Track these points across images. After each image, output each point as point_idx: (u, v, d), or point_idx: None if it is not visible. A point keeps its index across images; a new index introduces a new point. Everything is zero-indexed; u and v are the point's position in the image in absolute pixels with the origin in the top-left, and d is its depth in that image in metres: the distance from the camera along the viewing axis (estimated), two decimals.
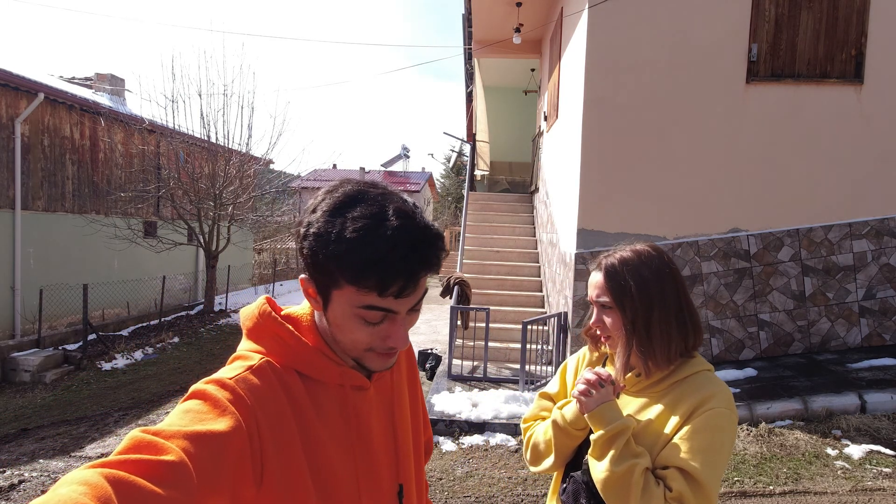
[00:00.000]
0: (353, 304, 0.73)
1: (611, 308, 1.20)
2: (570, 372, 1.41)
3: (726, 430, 1.10)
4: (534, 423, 1.37)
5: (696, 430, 1.09)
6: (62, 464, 4.76)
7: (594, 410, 1.12)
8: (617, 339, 1.21)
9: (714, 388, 1.15)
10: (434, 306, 11.84)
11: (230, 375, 0.74)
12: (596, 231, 5.60)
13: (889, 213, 5.54)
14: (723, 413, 1.11)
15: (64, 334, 9.68)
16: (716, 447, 1.08)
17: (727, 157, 5.51)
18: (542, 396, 1.41)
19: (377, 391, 0.90)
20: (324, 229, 0.72)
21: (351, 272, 0.70)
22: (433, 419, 4.78)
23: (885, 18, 5.36)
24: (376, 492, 0.86)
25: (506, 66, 11.57)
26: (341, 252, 0.70)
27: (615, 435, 1.09)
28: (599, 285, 1.22)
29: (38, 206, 9.58)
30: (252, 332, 0.82)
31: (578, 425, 1.18)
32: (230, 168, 11.29)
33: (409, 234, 0.71)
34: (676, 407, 1.13)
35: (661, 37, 5.45)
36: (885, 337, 5.59)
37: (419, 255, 0.71)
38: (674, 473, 1.06)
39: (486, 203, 10.35)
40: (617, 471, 1.06)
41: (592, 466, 1.11)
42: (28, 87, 9.08)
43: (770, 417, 4.45)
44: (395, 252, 0.69)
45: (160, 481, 0.58)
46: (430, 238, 0.73)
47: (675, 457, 1.07)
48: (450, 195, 31.95)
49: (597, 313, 1.23)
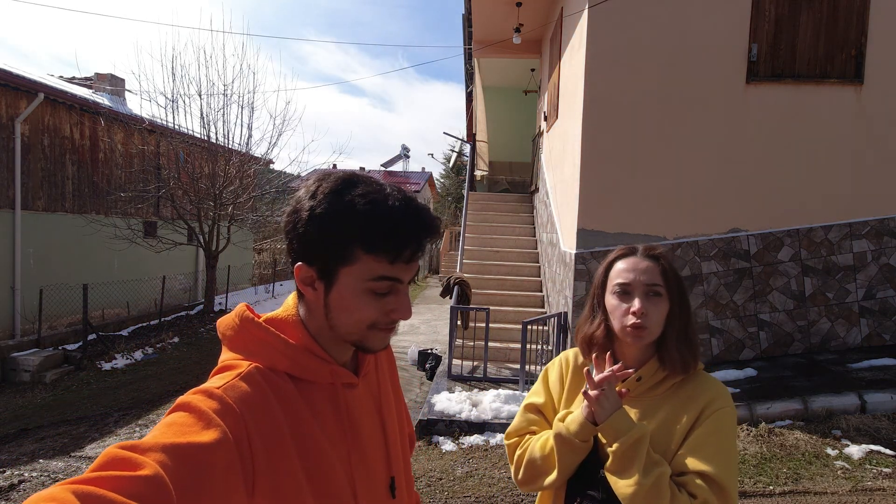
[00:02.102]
0: (363, 278, 0.77)
1: (661, 296, 1.13)
2: (553, 380, 1.30)
3: (734, 429, 1.10)
4: (520, 438, 1.26)
5: (709, 432, 1.06)
6: (62, 464, 4.76)
7: (606, 421, 1.05)
8: (656, 330, 1.14)
9: (715, 387, 1.14)
10: (434, 306, 11.84)
11: (218, 385, 0.73)
12: (596, 231, 5.60)
13: (889, 213, 5.54)
14: (729, 413, 1.10)
15: (64, 334, 9.68)
16: (729, 448, 1.06)
17: (727, 157, 5.51)
18: (528, 409, 1.30)
19: (365, 388, 0.92)
20: (333, 208, 0.76)
21: (369, 241, 0.75)
22: (433, 419, 4.78)
23: (885, 18, 5.36)
24: (371, 486, 0.87)
25: (506, 66, 11.56)
26: (358, 224, 0.75)
27: (635, 443, 1.02)
28: (652, 270, 1.14)
29: (38, 206, 9.57)
30: (234, 341, 0.82)
31: (584, 437, 1.09)
32: (230, 168, 11.29)
33: (411, 205, 0.79)
34: (682, 411, 1.10)
35: (661, 37, 5.45)
36: (885, 337, 5.59)
37: (424, 221, 0.79)
38: (694, 479, 1.02)
39: (486, 203, 10.35)
40: (646, 483, 1.00)
41: (614, 481, 1.04)
42: (28, 87, 9.08)
43: (770, 417, 4.45)
44: (406, 219, 0.77)
45: (134, 496, 0.57)
46: (425, 209, 0.81)
47: (692, 462, 1.04)
48: (450, 195, 31.94)
49: (641, 301, 1.12)
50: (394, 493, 0.92)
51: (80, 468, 4.61)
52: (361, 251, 0.76)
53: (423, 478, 3.93)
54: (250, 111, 13.43)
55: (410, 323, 10.03)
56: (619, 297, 1.16)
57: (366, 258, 0.76)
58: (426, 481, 3.88)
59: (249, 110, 12.86)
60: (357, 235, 0.75)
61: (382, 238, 0.75)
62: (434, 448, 4.47)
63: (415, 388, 6.57)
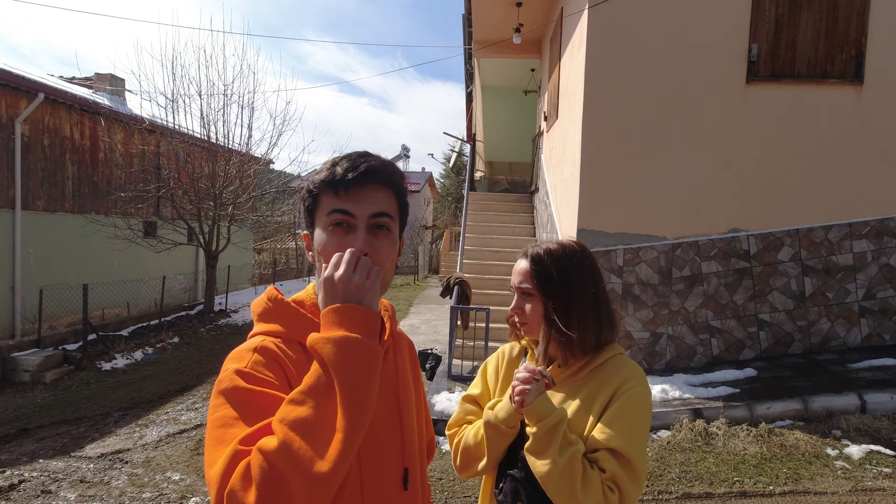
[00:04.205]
0: (323, 216, 0.90)
1: (532, 295, 1.24)
2: (490, 372, 1.41)
3: (645, 407, 1.17)
4: (459, 428, 1.35)
5: (619, 411, 1.14)
6: (62, 464, 4.76)
7: (530, 405, 1.12)
8: (534, 326, 1.24)
9: (629, 369, 1.21)
10: (434, 306, 11.83)
11: (243, 366, 0.82)
12: (596, 231, 5.60)
13: (889, 213, 5.54)
14: (640, 392, 1.17)
15: (64, 334, 9.68)
16: (638, 425, 1.14)
17: (727, 157, 5.51)
18: (466, 400, 1.39)
19: (382, 376, 0.93)
20: (317, 172, 0.93)
21: (320, 178, 0.90)
22: (433, 419, 4.78)
23: (885, 18, 5.36)
24: (380, 473, 0.88)
25: (506, 66, 11.56)
26: (318, 174, 0.91)
27: (554, 426, 1.09)
28: (523, 272, 1.26)
29: (39, 206, 9.58)
30: (263, 315, 0.93)
31: (511, 423, 1.17)
32: (230, 168, 11.29)
33: (358, 151, 0.93)
34: (598, 392, 1.18)
35: (661, 37, 5.45)
36: (884, 337, 5.59)
37: (364, 155, 0.92)
38: (604, 455, 1.10)
39: (486, 203, 10.34)
40: (561, 461, 1.07)
41: (532, 461, 1.11)
42: (28, 87, 9.08)
43: (770, 417, 4.45)
44: (347, 155, 0.92)
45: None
46: (374, 155, 0.93)
47: (603, 439, 1.11)
48: (450, 195, 31.95)
49: (517, 300, 1.26)
50: (406, 486, 0.92)
51: (80, 468, 4.61)
52: (320, 192, 0.90)
53: None
54: (250, 111, 13.46)
55: (410, 323, 10.04)
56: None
57: (323, 198, 0.90)
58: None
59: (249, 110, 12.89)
60: (317, 179, 0.90)
61: (328, 168, 0.90)
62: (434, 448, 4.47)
63: None
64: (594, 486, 1.07)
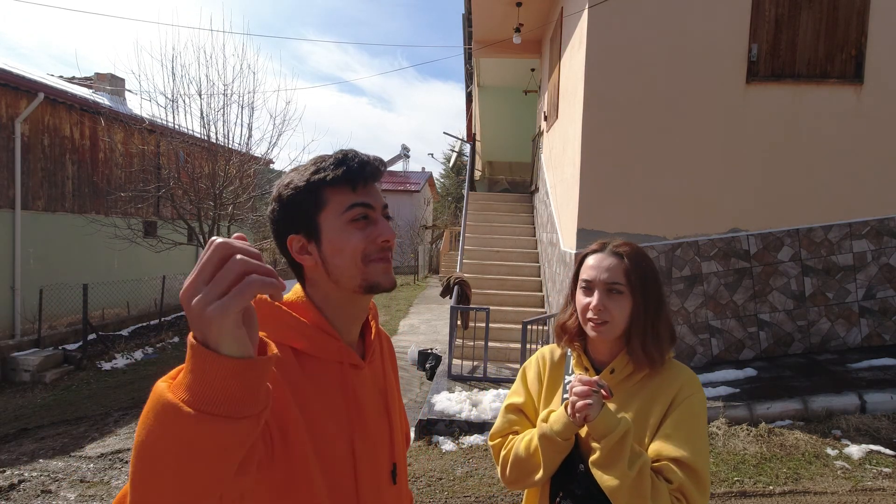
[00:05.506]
0: (339, 213, 0.87)
1: (622, 294, 1.18)
2: (532, 378, 1.34)
3: (704, 415, 1.15)
4: (503, 439, 1.29)
5: (680, 420, 1.11)
6: (62, 464, 4.76)
7: (596, 418, 1.07)
8: (617, 327, 1.18)
9: (684, 375, 1.19)
10: (434, 306, 11.83)
11: None
12: (596, 231, 5.60)
13: (889, 213, 5.54)
14: (699, 398, 1.15)
15: (64, 334, 9.67)
16: (701, 434, 1.11)
17: (727, 157, 5.51)
18: (509, 409, 1.33)
19: (371, 374, 0.95)
20: (298, 175, 0.90)
21: (331, 175, 0.87)
22: (433, 419, 4.79)
23: (885, 18, 5.36)
24: (373, 470, 0.90)
25: (506, 66, 11.56)
26: (318, 169, 0.88)
27: (622, 438, 1.05)
28: (614, 268, 1.19)
29: (38, 206, 9.58)
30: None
31: (566, 435, 1.12)
32: (230, 168, 11.27)
33: (353, 150, 0.92)
34: (654, 400, 1.15)
35: (661, 37, 5.45)
36: (884, 337, 5.59)
37: (364, 156, 0.90)
38: (669, 466, 1.07)
39: (486, 203, 10.35)
40: (631, 473, 1.03)
41: (599, 475, 1.07)
42: (28, 87, 9.08)
43: (770, 417, 4.45)
44: (348, 152, 0.90)
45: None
46: (366, 154, 0.94)
47: (666, 449, 1.09)
48: (450, 195, 31.95)
49: (600, 297, 1.18)
50: (395, 480, 0.95)
51: (80, 468, 4.61)
52: (328, 189, 0.86)
53: (423, 478, 3.92)
54: (250, 111, 13.39)
55: (410, 323, 10.03)
56: (584, 292, 1.23)
57: (333, 194, 0.87)
58: (426, 481, 3.88)
59: (249, 110, 12.81)
60: (321, 177, 0.86)
61: (335, 166, 0.87)
62: (434, 448, 4.47)
63: (415, 388, 6.58)
64: (663, 498, 1.04)
